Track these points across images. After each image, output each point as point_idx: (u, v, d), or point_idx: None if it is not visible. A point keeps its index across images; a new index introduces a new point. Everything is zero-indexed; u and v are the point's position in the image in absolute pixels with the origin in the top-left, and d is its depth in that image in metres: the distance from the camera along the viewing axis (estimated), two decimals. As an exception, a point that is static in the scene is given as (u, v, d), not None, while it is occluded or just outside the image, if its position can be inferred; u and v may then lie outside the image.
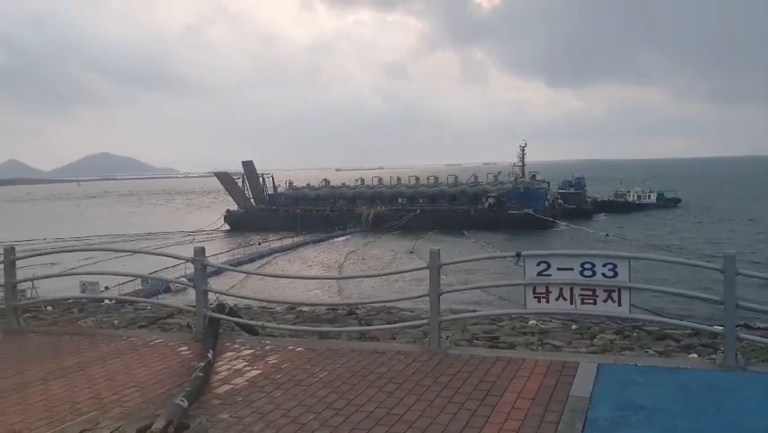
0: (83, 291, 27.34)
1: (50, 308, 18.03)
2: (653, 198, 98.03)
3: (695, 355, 11.83)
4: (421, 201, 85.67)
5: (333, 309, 19.82)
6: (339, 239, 72.61)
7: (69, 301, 19.12)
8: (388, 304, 22.72)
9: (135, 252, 24.50)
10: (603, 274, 7.45)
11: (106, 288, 31.28)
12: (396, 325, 14.57)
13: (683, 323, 11.97)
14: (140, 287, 35.03)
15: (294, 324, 16.89)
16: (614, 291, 7.48)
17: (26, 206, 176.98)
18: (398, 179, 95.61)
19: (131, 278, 32.67)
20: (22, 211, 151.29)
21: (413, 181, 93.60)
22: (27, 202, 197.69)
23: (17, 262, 10.22)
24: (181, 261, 11.56)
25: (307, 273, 47.64)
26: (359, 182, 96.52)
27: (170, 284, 34.66)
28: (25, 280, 11.78)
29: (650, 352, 13.12)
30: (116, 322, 15.65)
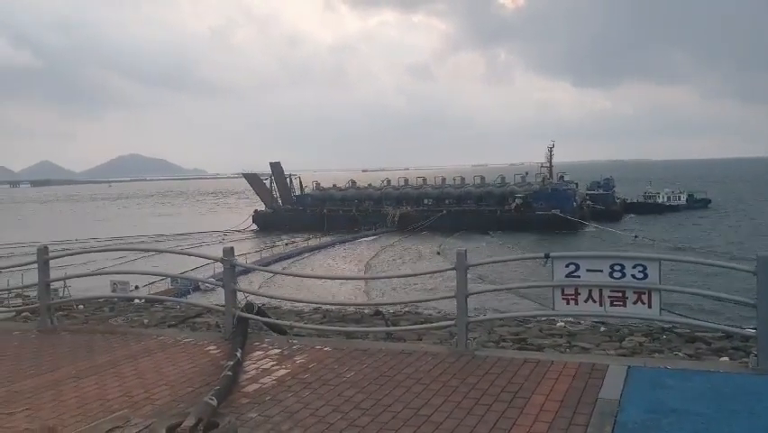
0: (114, 291, 27.74)
1: (81, 306, 18.31)
2: (683, 199, 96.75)
3: (726, 359, 11.65)
4: (447, 202, 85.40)
5: (359, 310, 19.85)
6: (365, 239, 72.71)
7: (101, 300, 19.40)
8: (414, 305, 22.71)
9: (165, 252, 24.80)
10: (633, 276, 7.38)
11: (136, 287, 31.73)
12: (422, 326, 14.55)
13: (715, 325, 11.79)
14: (169, 286, 35.43)
15: (321, 324, 16.95)
16: (644, 293, 7.40)
17: (58, 206, 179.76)
18: (424, 179, 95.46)
19: (160, 277, 33.10)
20: (54, 211, 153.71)
21: (439, 182, 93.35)
22: (58, 202, 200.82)
23: (50, 261, 10.40)
24: (210, 260, 11.69)
25: (334, 273, 47.79)
26: (385, 183, 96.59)
27: (199, 283, 34.99)
28: (58, 280, 11.99)
29: (680, 354, 12.95)
30: (146, 321, 15.84)
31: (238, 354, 7.61)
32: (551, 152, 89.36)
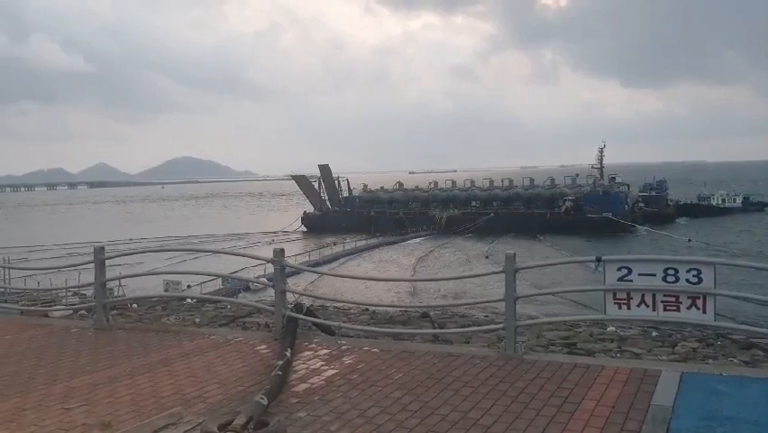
0: (166, 290, 28.29)
1: (135, 305, 18.78)
2: (739, 201, 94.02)
3: (785, 366, 11.33)
4: (495, 204, 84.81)
5: (406, 311, 19.90)
6: (412, 241, 72.63)
7: (154, 299, 19.86)
8: (462, 308, 22.63)
9: (216, 252, 25.23)
10: (687, 280, 7.22)
11: (188, 286, 32.27)
12: (470, 328, 14.51)
13: (772, 332, 11.47)
14: (220, 286, 35.96)
15: (368, 324, 17.04)
16: (698, 298, 7.23)
17: (114, 207, 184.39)
18: (472, 182, 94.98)
19: (212, 277, 33.62)
20: (111, 212, 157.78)
21: (487, 184, 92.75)
22: (115, 203, 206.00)
23: (106, 261, 10.68)
24: (260, 261, 11.85)
25: (381, 275, 47.89)
26: (432, 185, 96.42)
27: (249, 283, 35.45)
28: (114, 279, 12.32)
29: (735, 361, 12.66)
30: (198, 320, 16.16)
31: (288, 354, 7.70)
32: (601, 153, 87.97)
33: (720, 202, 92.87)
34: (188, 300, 20.46)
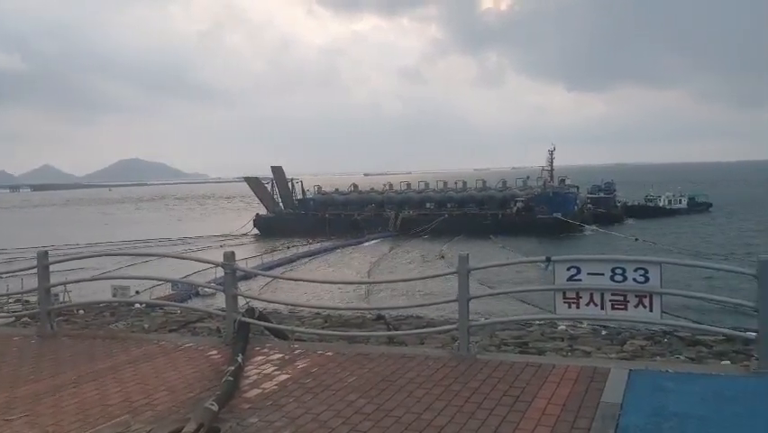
0: (114, 295, 27.68)
1: (81, 311, 18.33)
2: (684, 202, 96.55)
3: (728, 362, 11.66)
4: (449, 206, 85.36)
5: (361, 314, 19.87)
6: (367, 243, 72.59)
7: (101, 305, 19.42)
8: (416, 309, 22.70)
9: (165, 256, 24.75)
10: (634, 279, 7.37)
11: (137, 292, 31.66)
12: (424, 330, 14.57)
13: (716, 329, 11.76)
14: (170, 291, 35.33)
15: (322, 328, 16.95)
16: (645, 297, 7.39)
17: (59, 210, 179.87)
18: (426, 183, 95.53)
19: (161, 282, 33.01)
20: (55, 215, 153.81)
21: (441, 186, 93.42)
22: (59, 207, 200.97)
23: (50, 266, 10.38)
24: (211, 265, 11.68)
25: (335, 278, 47.74)
26: (387, 187, 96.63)
27: (199, 288, 34.91)
28: (58, 285, 11.99)
29: (681, 358, 12.97)
30: (147, 326, 15.86)
31: (239, 359, 7.60)
32: (551, 155, 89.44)
33: (667, 203, 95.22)
34: (137, 306, 20.07)
